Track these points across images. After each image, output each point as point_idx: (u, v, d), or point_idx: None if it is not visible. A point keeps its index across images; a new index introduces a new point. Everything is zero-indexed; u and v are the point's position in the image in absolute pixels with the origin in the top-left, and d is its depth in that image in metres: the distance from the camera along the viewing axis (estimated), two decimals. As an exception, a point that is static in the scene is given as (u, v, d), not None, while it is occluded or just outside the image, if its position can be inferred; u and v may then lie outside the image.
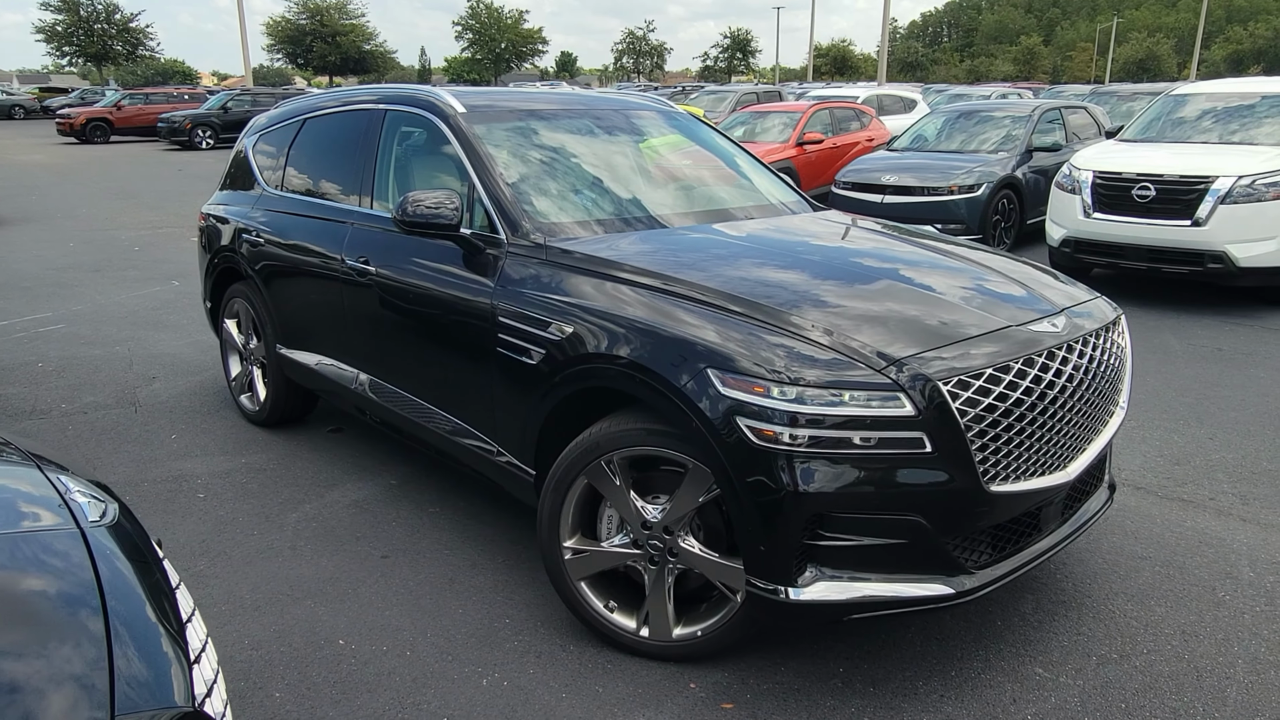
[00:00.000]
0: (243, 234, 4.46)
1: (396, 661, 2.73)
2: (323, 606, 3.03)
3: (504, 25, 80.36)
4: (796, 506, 2.27)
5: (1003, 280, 2.93)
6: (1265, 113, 8.07)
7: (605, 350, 2.60)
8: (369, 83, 67.35)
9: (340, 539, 3.50)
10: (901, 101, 18.08)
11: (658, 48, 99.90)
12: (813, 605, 2.33)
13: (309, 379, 4.23)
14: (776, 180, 4.14)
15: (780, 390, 2.26)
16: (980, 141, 10.23)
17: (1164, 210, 7.03)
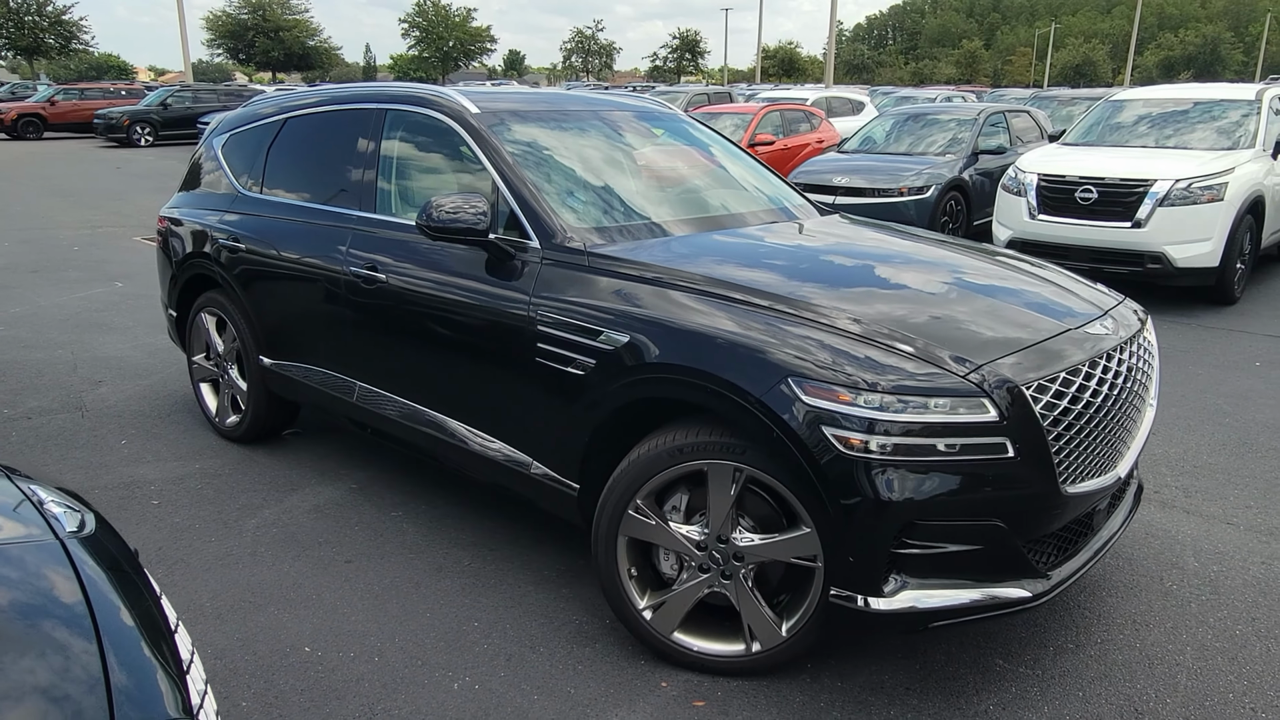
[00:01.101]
0: (218, 239, 4.22)
1: (365, 667, 2.70)
2: (287, 613, 2.98)
3: (452, 23, 79.59)
4: (886, 515, 2.24)
5: (1047, 284, 2.99)
6: (1198, 118, 8.38)
7: (669, 360, 2.52)
8: (313, 80, 66.26)
9: (302, 544, 3.45)
10: (850, 104, 18.33)
11: (606, 47, 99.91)
12: (899, 615, 2.31)
13: (296, 391, 4.03)
14: (784, 184, 4.08)
15: (865, 398, 2.24)
16: (928, 144, 10.43)
17: (1106, 212, 7.25)
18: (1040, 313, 2.69)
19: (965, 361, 2.31)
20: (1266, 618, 2.95)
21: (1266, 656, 2.74)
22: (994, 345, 2.42)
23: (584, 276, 2.85)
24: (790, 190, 4.02)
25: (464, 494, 3.86)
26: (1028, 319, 2.63)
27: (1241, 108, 8.21)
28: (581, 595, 3.09)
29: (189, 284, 4.54)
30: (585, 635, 2.86)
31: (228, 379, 4.41)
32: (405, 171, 3.65)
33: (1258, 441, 4.44)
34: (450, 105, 3.46)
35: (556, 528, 3.55)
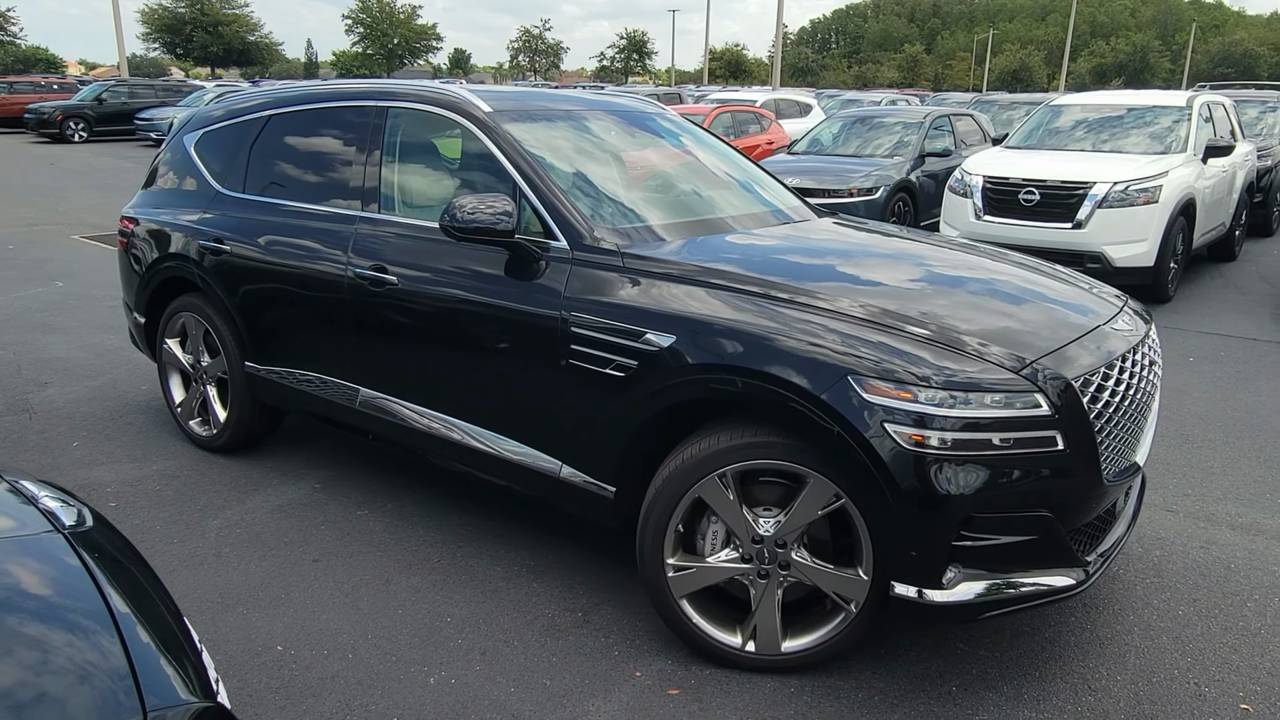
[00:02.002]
0: (196, 241, 4.03)
1: (339, 664, 2.70)
2: (256, 613, 2.96)
3: (396, 20, 78.61)
4: (947, 509, 2.30)
5: (1066, 284, 3.10)
6: (1131, 124, 8.71)
7: (721, 361, 2.51)
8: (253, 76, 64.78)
9: (267, 544, 3.42)
10: (798, 105, 18.59)
11: (554, 47, 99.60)
12: (957, 606, 2.38)
13: (289, 399, 3.89)
14: (782, 185, 4.09)
15: (925, 394, 2.29)
16: (875, 146, 10.64)
17: (1047, 213, 7.49)
18: (1071, 310, 2.81)
19: (1017, 357, 2.40)
20: (1206, 599, 3.10)
21: (1208, 635, 2.89)
22: (1040, 342, 2.51)
23: (620, 277, 2.82)
24: (787, 192, 4.02)
25: (428, 491, 3.86)
26: (1062, 316, 2.74)
27: (1173, 114, 8.55)
28: (552, 589, 3.12)
29: (160, 288, 4.35)
30: (558, 628, 2.90)
31: (206, 386, 4.25)
32: (412, 171, 3.56)
33: (1194, 433, 4.64)
34: (460, 104, 3.38)
35: (523, 523, 3.58)
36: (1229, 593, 3.14)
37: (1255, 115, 11.97)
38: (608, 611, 2.99)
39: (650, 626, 2.91)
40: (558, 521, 3.58)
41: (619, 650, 2.79)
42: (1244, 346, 6.27)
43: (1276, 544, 3.48)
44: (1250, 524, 3.66)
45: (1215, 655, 2.79)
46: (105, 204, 12.63)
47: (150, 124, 23.48)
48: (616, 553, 3.36)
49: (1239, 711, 2.54)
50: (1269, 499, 3.89)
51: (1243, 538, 3.54)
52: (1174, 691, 2.62)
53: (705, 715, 2.50)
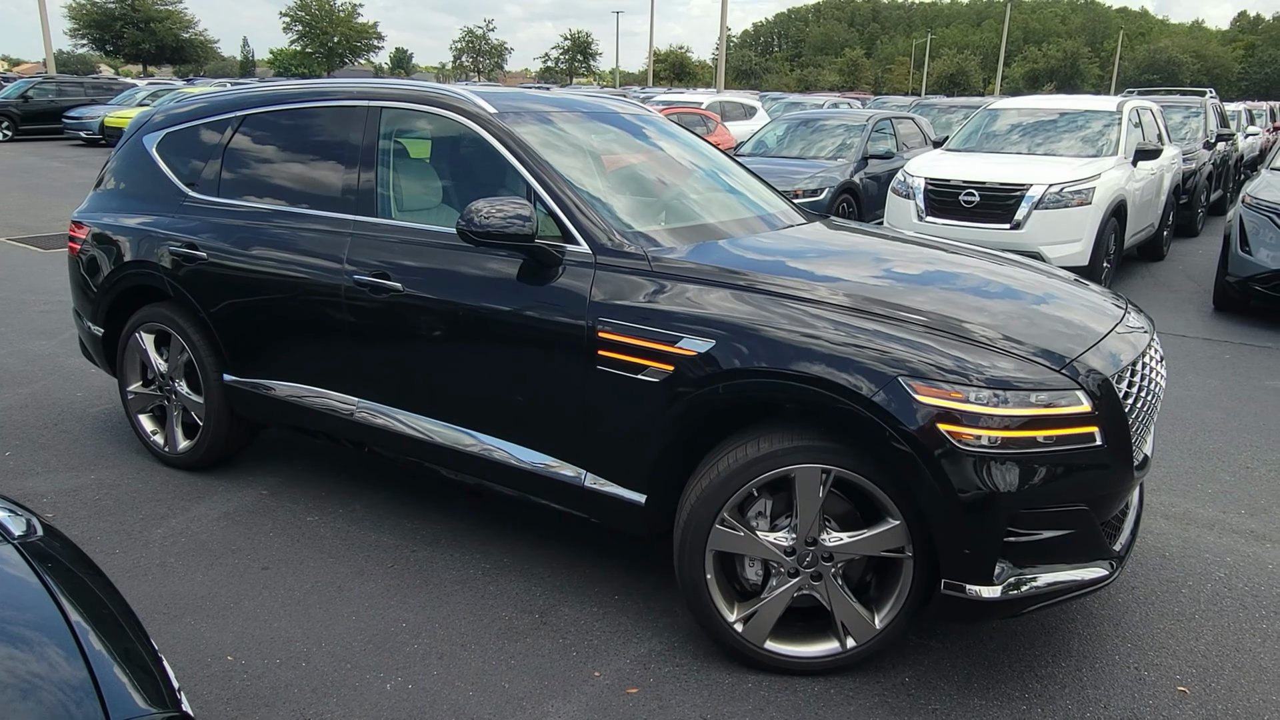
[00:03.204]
0: (166, 247, 3.82)
1: (292, 673, 2.65)
2: (204, 623, 2.90)
3: (336, 19, 77.29)
4: (999, 506, 2.34)
5: (1077, 285, 3.18)
6: (1065, 128, 8.98)
7: (766, 366, 2.49)
8: (187, 74, 63.07)
9: (214, 553, 3.34)
10: (742, 108, 18.77)
11: (498, 47, 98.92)
12: (1005, 601, 2.42)
13: (272, 412, 3.71)
14: (772, 190, 4.04)
15: (976, 394, 2.33)
16: (819, 148, 10.80)
17: (987, 214, 7.68)
18: (1090, 310, 2.89)
19: (1058, 356, 2.46)
20: (1143, 586, 3.22)
21: (1145, 621, 3.00)
22: (1074, 341, 2.58)
23: (651, 281, 2.77)
24: (778, 197, 3.96)
25: (380, 495, 3.82)
26: (1085, 316, 2.82)
27: (1104, 118, 8.84)
28: (509, 592, 3.11)
29: (122, 297, 4.09)
30: (516, 630, 2.89)
31: (176, 401, 4.02)
32: (413, 174, 3.48)
33: (1128, 426, 4.80)
34: (463, 104, 3.28)
35: (478, 526, 3.55)
36: (1164, 580, 3.26)
37: (1180, 120, 12.44)
38: (565, 612, 2.99)
39: (608, 626, 2.91)
40: (513, 523, 3.57)
41: (577, 651, 2.79)
42: (1173, 343, 6.51)
43: (1208, 532, 3.63)
44: (1183, 513, 3.80)
45: (1153, 640, 2.89)
46: (33, 205, 12.20)
47: (80, 123, 22.76)
48: (573, 554, 3.36)
49: (1176, 693, 2.64)
50: (1200, 489, 4.05)
51: (1176, 527, 3.67)
52: (1115, 675, 2.71)
53: (665, 713, 2.51)
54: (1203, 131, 12.28)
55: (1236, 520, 3.75)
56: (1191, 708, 2.57)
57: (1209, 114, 12.76)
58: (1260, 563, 3.39)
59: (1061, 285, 3.13)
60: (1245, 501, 3.92)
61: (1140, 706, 2.57)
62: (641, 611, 3.00)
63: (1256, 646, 2.87)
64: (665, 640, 2.85)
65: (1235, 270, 7.12)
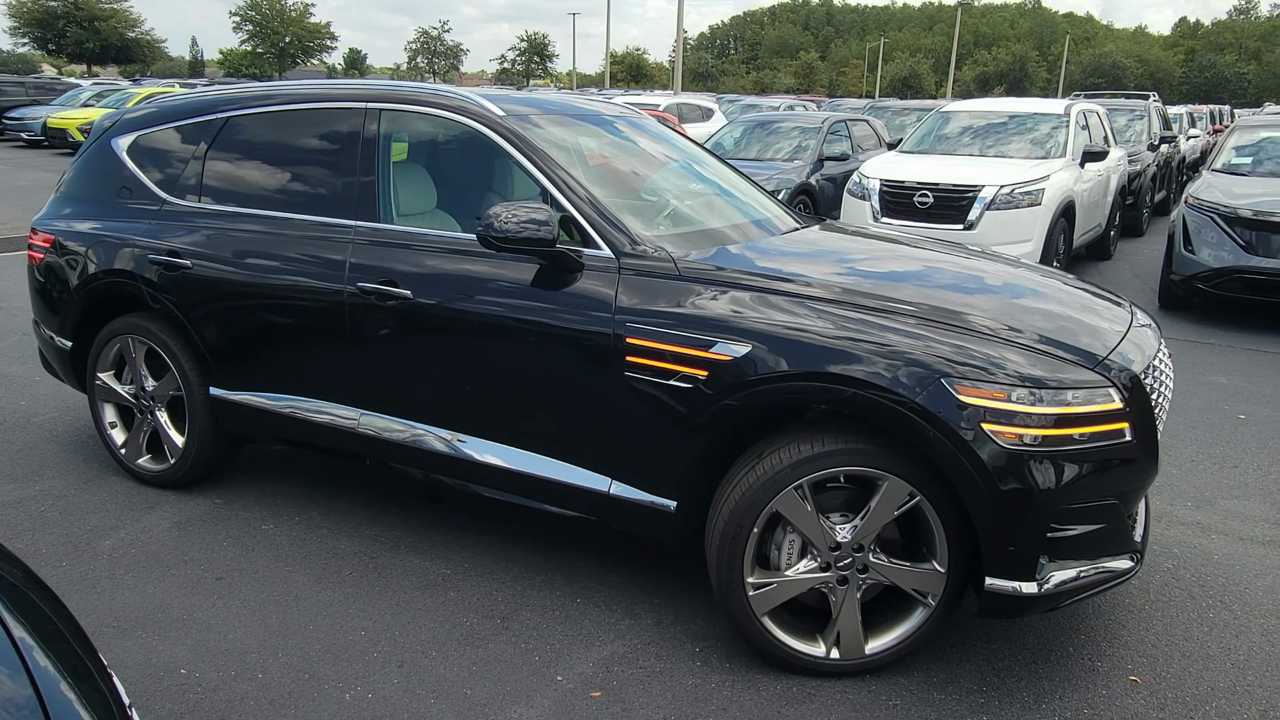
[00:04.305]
0: (145, 255, 3.64)
1: (248, 685, 2.60)
2: (156, 636, 2.83)
3: (288, 18, 76.15)
4: (1042, 503, 2.38)
5: (1085, 286, 3.22)
6: (1015, 130, 9.16)
7: (805, 369, 2.49)
8: (133, 74, 61.62)
9: (166, 564, 3.27)
10: (699, 110, 18.83)
11: (453, 48, 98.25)
12: (1047, 596, 2.46)
13: (264, 425, 3.57)
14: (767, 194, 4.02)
15: (1017, 393, 2.37)
16: (776, 150, 10.88)
17: (941, 215, 7.80)
18: (1106, 311, 2.95)
19: (1091, 355, 2.51)
20: (1096, 578, 3.28)
21: (1098, 612, 3.06)
22: (1102, 339, 2.63)
23: (680, 285, 2.74)
24: (772, 200, 3.92)
25: (336, 501, 3.76)
26: (1103, 316, 2.87)
27: (1052, 121, 9.03)
28: (470, 597, 3.08)
29: (93, 308, 3.90)
30: (477, 636, 2.86)
31: (152, 417, 3.84)
32: (415, 178, 3.37)
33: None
34: (470, 107, 3.20)
35: (437, 531, 3.52)
36: (1116, 572, 3.33)
37: (1125, 123, 12.75)
38: (527, 616, 2.97)
39: (571, 629, 2.90)
40: (474, 527, 3.54)
41: (539, 655, 2.77)
42: (1121, 340, 6.65)
43: (1155, 525, 3.71)
44: (1132, 506, 3.88)
45: (1105, 631, 2.95)
46: (-28, 209, 11.83)
47: (21, 124, 22.18)
48: (535, 557, 3.34)
49: (1128, 683, 2.70)
50: (1148, 482, 4.14)
51: (1126, 520, 3.76)
52: (1069, 667, 2.76)
53: (628, 716, 2.51)
54: (1146, 134, 12.60)
55: (1183, 513, 3.84)
56: (1143, 696, 2.63)
57: (1152, 117, 13.10)
58: (1206, 554, 3.48)
59: (1068, 287, 3.19)
60: (1191, 494, 4.02)
61: (1094, 697, 2.63)
62: (604, 614, 3.00)
63: (1204, 635, 2.94)
64: (628, 642, 2.85)
65: (1179, 269, 7.31)
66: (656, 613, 3.01)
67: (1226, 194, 7.36)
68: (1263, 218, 6.97)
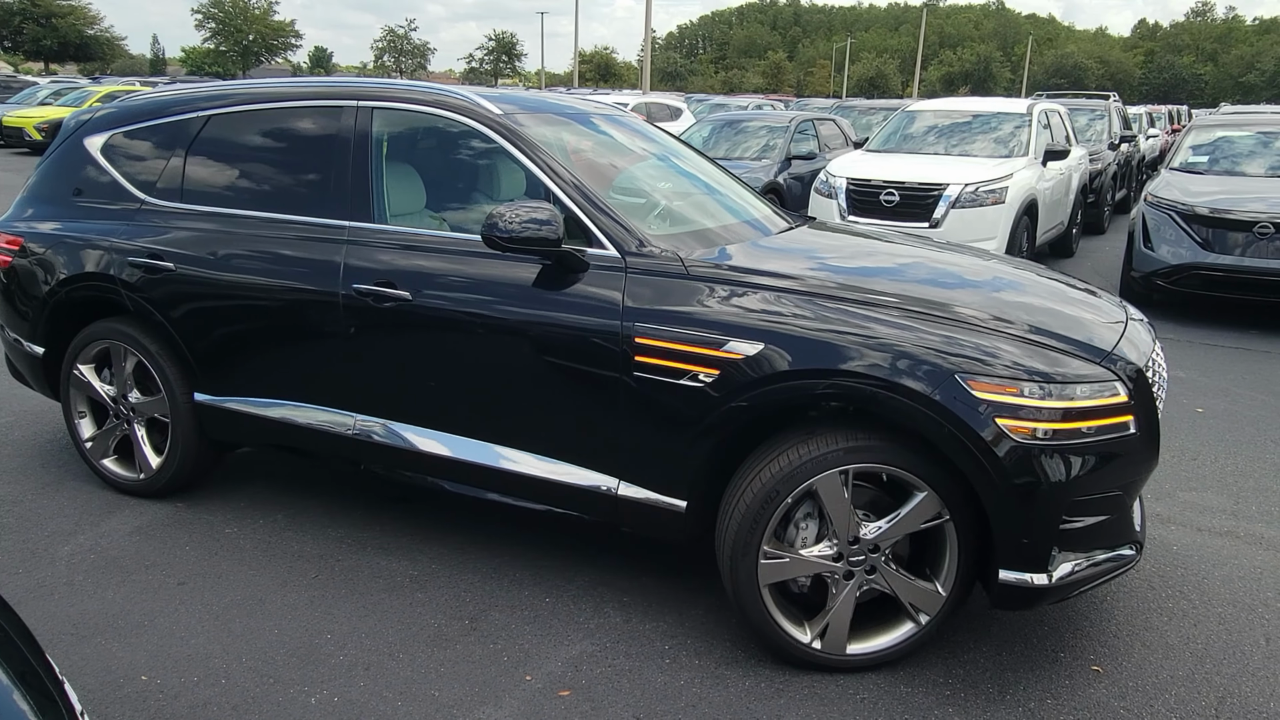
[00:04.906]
0: (124, 258, 3.52)
1: (211, 691, 2.56)
2: (115, 642, 2.78)
3: (251, 16, 75.16)
4: (1056, 496, 2.42)
5: (1070, 284, 3.25)
6: (978, 129, 9.28)
7: (819, 366, 2.50)
8: (92, 72, 60.45)
9: (126, 569, 3.21)
10: (668, 109, 18.83)
11: (420, 47, 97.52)
12: (1058, 586, 2.51)
13: (253, 432, 3.49)
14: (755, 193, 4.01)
15: (1028, 389, 2.41)
16: (744, 149, 10.92)
17: (907, 213, 7.88)
18: (1103, 308, 2.98)
19: (1098, 350, 2.56)
20: (1059, 570, 3.33)
21: (1060, 604, 3.10)
22: (1106, 335, 2.67)
23: (689, 285, 2.73)
24: (760, 200, 3.90)
25: (301, 504, 3.72)
26: (1102, 312, 2.91)
27: (1015, 120, 9.15)
28: (437, 598, 3.06)
29: (68, 312, 3.77)
30: (445, 637, 2.84)
31: (130, 427, 3.73)
32: (413, 177, 3.32)
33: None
34: (468, 105, 3.16)
35: (403, 534, 3.49)
36: (1078, 564, 3.38)
37: (1086, 122, 12.96)
38: (496, 617, 2.96)
39: (539, 629, 2.89)
40: (441, 528, 3.52)
41: (508, 655, 2.76)
42: (1083, 336, 6.75)
43: (1117, 516, 3.77)
44: (1094, 499, 3.94)
45: (1068, 622, 2.99)
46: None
47: (-24, 122, 21.66)
48: (503, 558, 3.32)
49: (1091, 672, 2.74)
50: (1109, 475, 4.21)
51: (1088, 512, 3.81)
52: (1033, 658, 2.80)
53: (597, 714, 2.50)
54: (1107, 133, 12.81)
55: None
56: (1105, 685, 2.67)
57: (1113, 117, 13.32)
58: (1165, 545, 3.55)
59: (1063, 284, 3.23)
60: (1150, 486, 4.09)
61: (1058, 686, 2.66)
62: (573, 613, 2.99)
63: (1164, 625, 3.00)
64: (597, 641, 2.84)
65: (1139, 266, 7.44)
66: (625, 611, 3.01)
67: (1184, 192, 7.50)
68: (1219, 215, 7.11)
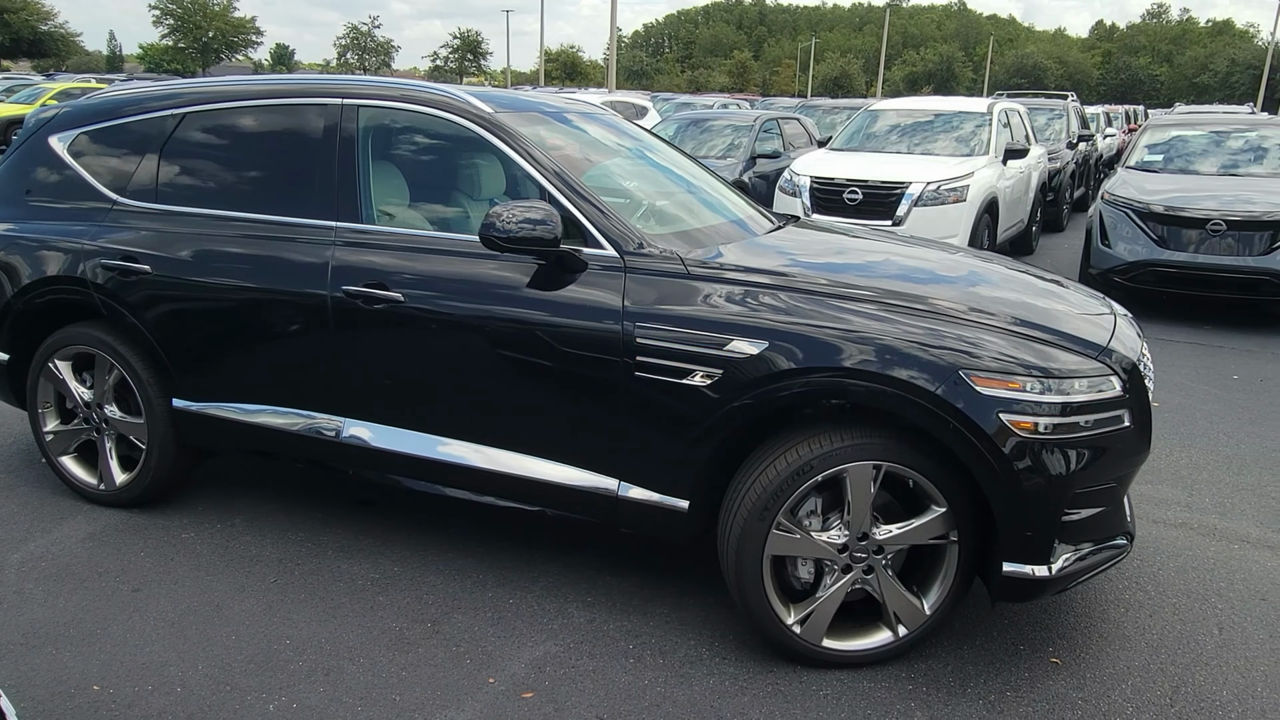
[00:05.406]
0: (96, 260, 3.41)
1: (165, 700, 2.51)
2: (67, 651, 2.72)
3: (211, 12, 73.96)
4: (1059, 489, 2.47)
5: (1057, 279, 3.29)
6: (940, 128, 9.37)
7: (824, 364, 2.51)
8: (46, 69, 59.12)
9: (79, 576, 3.14)
10: (634, 108, 18.77)
11: (384, 45, 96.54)
12: (1060, 578, 2.55)
13: (235, 437, 3.39)
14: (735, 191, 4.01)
15: (1029, 384, 2.44)
16: (710, 148, 10.93)
17: (870, 211, 7.94)
18: (1089, 305, 3.01)
19: (1094, 345, 2.60)
20: (1018, 564, 3.37)
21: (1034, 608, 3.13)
22: (1099, 330, 2.72)
23: (689, 285, 2.72)
24: (741, 199, 3.89)
25: (260, 508, 3.66)
26: (1089, 309, 2.95)
27: (975, 119, 9.25)
28: (399, 601, 3.02)
29: (37, 318, 3.66)
30: (407, 641, 2.81)
31: (109, 428, 3.61)
32: (403, 177, 3.26)
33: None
34: (458, 104, 3.11)
35: (365, 537, 3.45)
36: (1037, 557, 3.42)
37: (1045, 121, 13.15)
38: (458, 619, 2.93)
39: (502, 631, 2.87)
40: (403, 531, 3.48)
41: (470, 658, 2.73)
42: (1043, 332, 6.84)
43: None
44: (1053, 493, 4.00)
45: (1027, 616, 3.03)
46: None
47: (-76, 120, 21.09)
48: (465, 559, 3.29)
49: (1049, 664, 2.77)
50: (1068, 469, 4.27)
51: (1047, 506, 3.86)
52: (993, 651, 2.83)
53: (560, 716, 2.49)
54: (1065, 132, 13.01)
55: (1101, 498, 3.97)
56: (1063, 677, 2.71)
57: (1071, 116, 13.54)
58: (1122, 537, 3.60)
59: (1047, 281, 3.27)
60: (1108, 480, 4.16)
61: (1017, 679, 2.69)
62: (536, 614, 2.97)
63: (1120, 616, 3.04)
64: (561, 642, 2.83)
65: (1096, 263, 7.56)
66: (590, 611, 3.00)
67: (1140, 190, 7.64)
68: (1173, 213, 7.24)
